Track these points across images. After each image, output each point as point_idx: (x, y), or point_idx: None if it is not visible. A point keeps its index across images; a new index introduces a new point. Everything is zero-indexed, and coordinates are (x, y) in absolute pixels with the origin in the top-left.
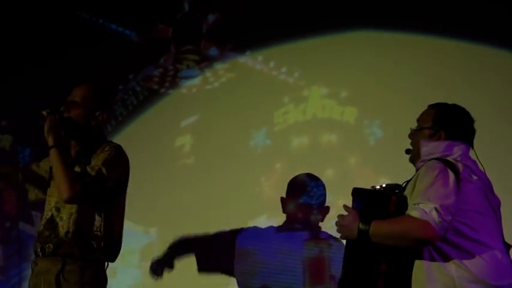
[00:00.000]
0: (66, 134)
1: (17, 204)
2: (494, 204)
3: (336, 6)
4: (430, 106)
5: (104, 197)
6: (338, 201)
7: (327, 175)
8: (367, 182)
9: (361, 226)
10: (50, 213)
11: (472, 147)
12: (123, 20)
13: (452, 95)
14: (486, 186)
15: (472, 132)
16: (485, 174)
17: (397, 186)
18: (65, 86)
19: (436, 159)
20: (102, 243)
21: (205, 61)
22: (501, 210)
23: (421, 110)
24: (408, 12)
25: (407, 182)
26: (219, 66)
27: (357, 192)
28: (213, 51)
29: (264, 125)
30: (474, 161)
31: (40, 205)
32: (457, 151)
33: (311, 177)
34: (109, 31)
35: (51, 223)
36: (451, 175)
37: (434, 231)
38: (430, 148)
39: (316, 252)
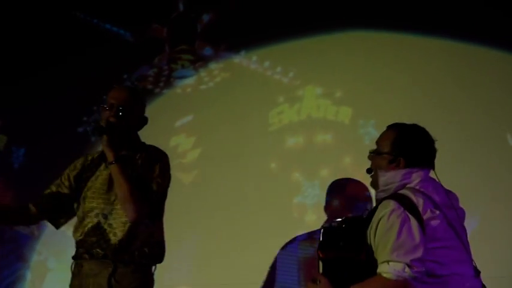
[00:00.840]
0: (119, 141)
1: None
2: (458, 230)
3: (330, 7)
4: (389, 128)
5: (158, 208)
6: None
7: (321, 175)
8: (362, 181)
9: None
10: (95, 220)
11: (433, 168)
12: (118, 20)
13: (444, 94)
14: (447, 212)
15: (432, 154)
16: (445, 194)
17: (358, 219)
18: (59, 85)
19: (394, 198)
20: (154, 248)
21: (199, 61)
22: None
23: (415, 110)
24: (401, 12)
25: (370, 212)
26: (214, 66)
27: (323, 253)
28: (208, 51)
29: (258, 124)
30: (434, 183)
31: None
32: (415, 178)
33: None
34: (103, 31)
35: (98, 229)
36: (414, 222)
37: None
38: (388, 178)
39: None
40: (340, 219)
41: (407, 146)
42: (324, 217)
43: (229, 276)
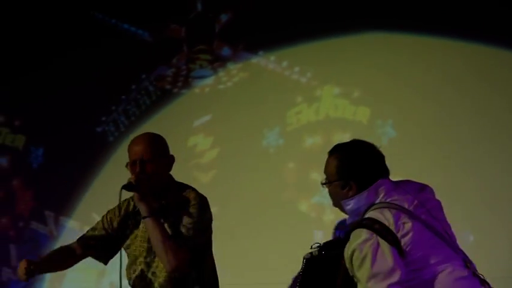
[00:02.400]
0: (151, 193)
1: (31, 204)
2: (436, 228)
3: (349, 7)
4: (330, 154)
5: (200, 255)
6: None
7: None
8: None
9: None
10: (139, 268)
11: (388, 173)
12: (136, 20)
13: (464, 94)
14: (420, 216)
15: (381, 164)
16: (413, 196)
17: (336, 243)
18: (78, 85)
19: (365, 226)
20: (206, 284)
21: (218, 61)
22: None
23: (433, 110)
24: (420, 13)
25: (345, 237)
26: (232, 66)
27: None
28: (226, 51)
29: (276, 124)
30: (399, 190)
31: (55, 205)
32: (380, 192)
33: None
34: (122, 31)
35: (143, 279)
36: (386, 247)
37: None
38: (353, 204)
39: None
40: (318, 245)
41: (352, 169)
42: (342, 216)
43: (246, 276)
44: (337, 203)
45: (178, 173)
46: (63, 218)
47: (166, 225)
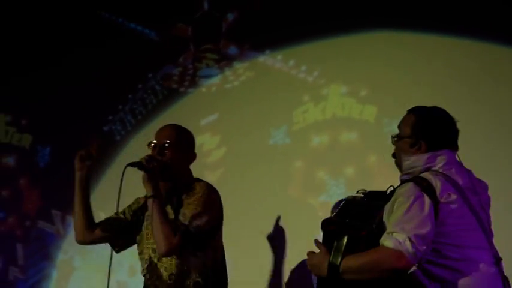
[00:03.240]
0: (162, 177)
1: (38, 203)
2: (481, 215)
3: (355, 5)
4: (409, 111)
5: (201, 241)
6: None
7: (346, 174)
8: (387, 180)
9: (331, 264)
10: (147, 256)
11: (457, 149)
12: (143, 19)
13: (471, 93)
14: (470, 197)
15: (454, 136)
16: (470, 178)
17: (381, 194)
18: (84, 84)
19: (413, 180)
20: (209, 278)
21: (224, 60)
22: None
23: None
24: (427, 12)
25: (392, 191)
26: (239, 65)
27: (326, 225)
28: (233, 50)
29: (283, 123)
30: (459, 167)
31: (61, 204)
32: (440, 161)
33: None
34: (128, 30)
35: (151, 265)
36: (427, 201)
37: (407, 261)
38: (412, 162)
39: None
40: (364, 191)
41: (427, 128)
42: None
43: (252, 274)
44: (400, 159)
45: None
46: (70, 217)
47: (169, 209)
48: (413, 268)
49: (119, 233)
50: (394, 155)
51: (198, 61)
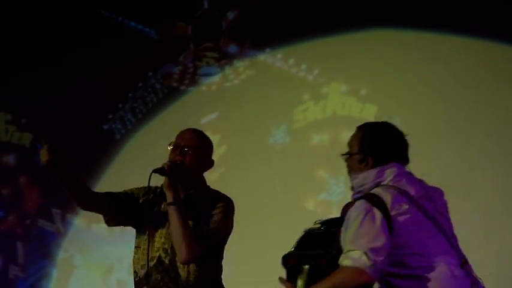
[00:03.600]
0: (180, 182)
1: (38, 201)
2: (439, 221)
3: (356, 4)
4: (357, 128)
5: (218, 250)
6: None
7: (346, 172)
8: None
9: None
10: (157, 254)
11: (407, 162)
12: (143, 18)
13: (471, 91)
14: (425, 204)
15: (402, 149)
16: (422, 186)
17: (337, 220)
18: (84, 83)
19: (363, 197)
20: (216, 285)
21: (224, 58)
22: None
23: (440, 107)
24: (427, 10)
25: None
26: (239, 64)
27: (287, 260)
28: (233, 48)
29: (283, 122)
30: (410, 177)
31: (62, 202)
32: (389, 174)
33: None
34: (128, 29)
35: (161, 265)
36: (378, 214)
37: (368, 276)
38: (361, 179)
39: None
40: (321, 221)
41: (373, 144)
42: None
43: (252, 273)
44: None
45: None
46: (70, 216)
47: (188, 217)
48: (378, 286)
49: (116, 209)
50: (348, 173)
51: (198, 59)
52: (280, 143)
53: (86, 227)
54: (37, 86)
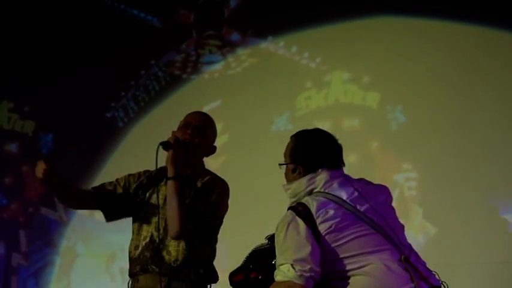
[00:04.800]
0: (184, 158)
1: (40, 190)
2: (375, 220)
3: None
4: (290, 138)
5: (210, 233)
6: None
7: (349, 160)
8: (389, 166)
9: None
10: (149, 234)
11: (339, 165)
12: (145, 6)
13: (475, 79)
14: (356, 207)
15: (333, 154)
16: (357, 187)
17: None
18: (87, 71)
19: (290, 208)
20: (210, 270)
21: (227, 46)
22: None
23: (443, 95)
24: None
25: None
26: (241, 52)
27: (233, 276)
28: (235, 36)
29: (286, 110)
30: (342, 181)
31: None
32: (320, 181)
33: None
34: (131, 17)
35: (152, 244)
36: (300, 224)
37: (299, 286)
38: (294, 189)
39: None
40: (269, 236)
41: (301, 152)
42: None
43: None
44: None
45: None
46: None
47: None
48: None
49: (112, 205)
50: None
51: (201, 47)
52: (282, 130)
53: (89, 215)
54: (40, 75)
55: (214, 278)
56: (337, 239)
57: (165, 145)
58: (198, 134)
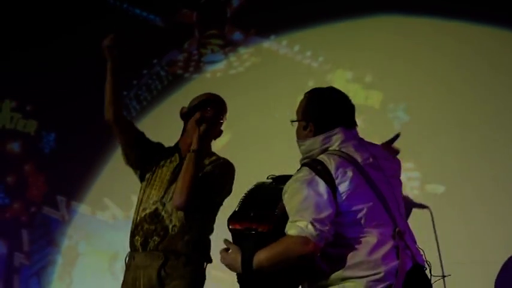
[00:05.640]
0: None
1: (43, 189)
2: (382, 190)
3: None
4: (304, 95)
5: (209, 208)
6: None
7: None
8: None
9: (244, 262)
10: (154, 207)
11: (353, 125)
12: (148, 5)
13: (476, 78)
14: (369, 174)
15: (347, 113)
16: (372, 152)
17: (287, 178)
18: (89, 71)
19: (308, 164)
20: (205, 247)
21: (229, 46)
22: None
23: (445, 94)
24: None
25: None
26: (243, 51)
27: (233, 223)
28: (238, 35)
29: (288, 109)
30: (358, 143)
31: (66, 190)
32: (336, 140)
33: None
34: (133, 16)
35: (157, 217)
36: (321, 184)
37: (313, 245)
38: (308, 146)
39: None
40: (273, 176)
41: (314, 110)
42: None
43: None
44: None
45: None
46: (75, 203)
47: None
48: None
49: (138, 147)
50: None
51: (203, 47)
52: (285, 130)
53: (91, 214)
54: (42, 74)
55: (208, 257)
56: (349, 204)
57: (200, 120)
58: (219, 117)
